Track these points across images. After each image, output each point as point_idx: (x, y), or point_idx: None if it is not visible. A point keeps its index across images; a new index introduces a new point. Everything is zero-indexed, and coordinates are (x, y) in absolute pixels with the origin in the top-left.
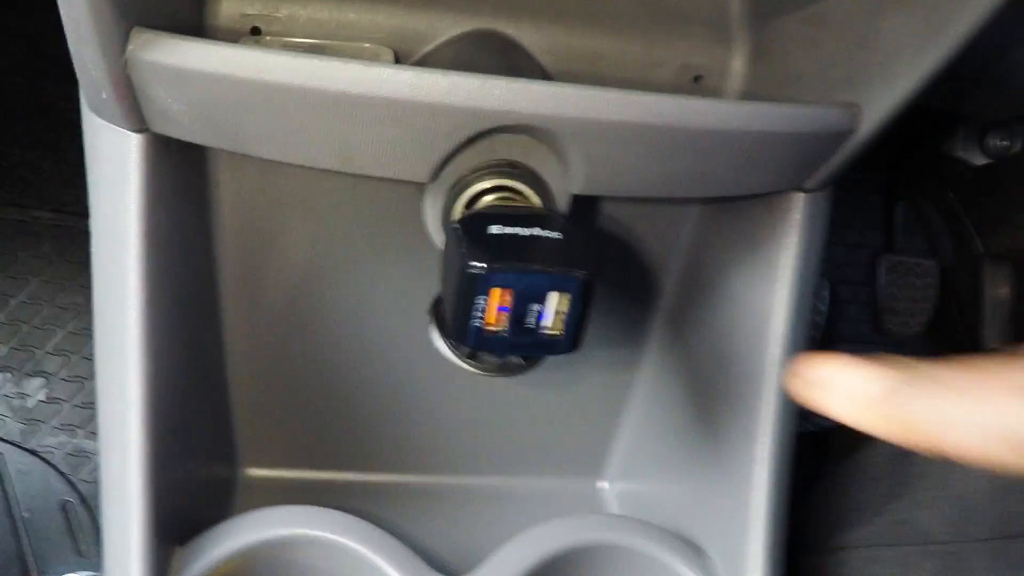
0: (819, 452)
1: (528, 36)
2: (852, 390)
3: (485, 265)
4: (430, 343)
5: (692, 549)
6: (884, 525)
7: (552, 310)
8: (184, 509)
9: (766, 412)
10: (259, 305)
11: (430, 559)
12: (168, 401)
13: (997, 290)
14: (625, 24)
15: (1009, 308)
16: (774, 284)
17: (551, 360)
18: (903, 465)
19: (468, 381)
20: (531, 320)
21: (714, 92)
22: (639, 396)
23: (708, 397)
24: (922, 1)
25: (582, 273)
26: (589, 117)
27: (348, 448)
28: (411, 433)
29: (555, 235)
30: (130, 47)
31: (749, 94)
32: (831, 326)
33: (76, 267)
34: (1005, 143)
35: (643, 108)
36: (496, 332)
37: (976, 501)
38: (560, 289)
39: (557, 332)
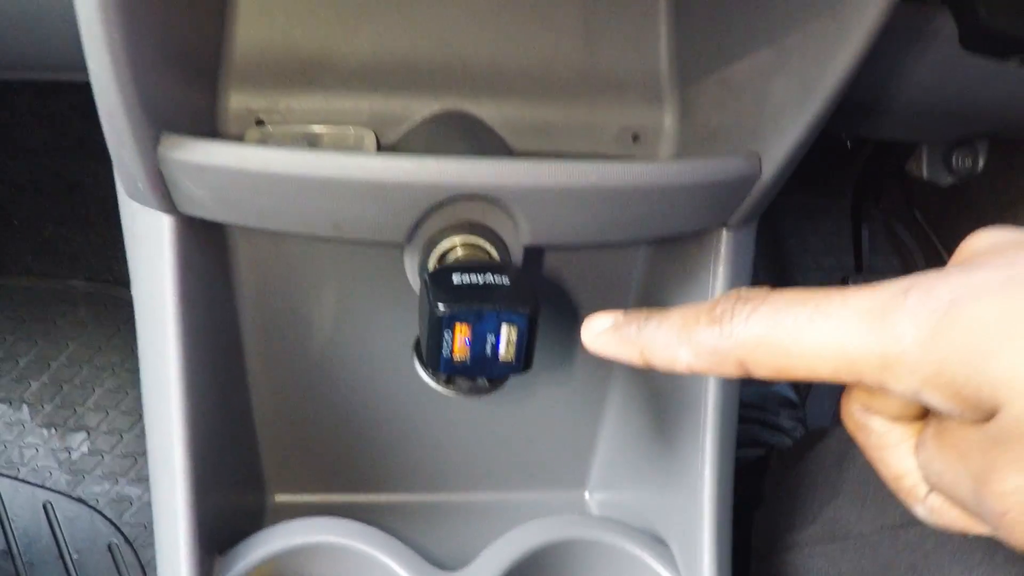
0: (762, 472)
1: (489, 112)
2: (600, 323)
3: (448, 307)
4: (416, 374)
5: (656, 542)
6: (819, 525)
7: (505, 340)
8: (223, 528)
9: (710, 423)
10: (278, 353)
11: (432, 561)
12: (205, 438)
13: None
14: (571, 95)
15: None
16: None
17: (533, 382)
18: (835, 472)
19: (459, 407)
20: (488, 349)
21: (651, 148)
22: (612, 413)
23: (664, 410)
24: (797, 67)
25: (525, 309)
26: (527, 185)
27: (360, 472)
28: (413, 456)
29: (505, 281)
30: (161, 148)
31: (680, 148)
32: None
33: (110, 330)
34: (968, 163)
35: (572, 174)
36: (462, 360)
37: (888, 494)
38: (509, 322)
39: (510, 358)
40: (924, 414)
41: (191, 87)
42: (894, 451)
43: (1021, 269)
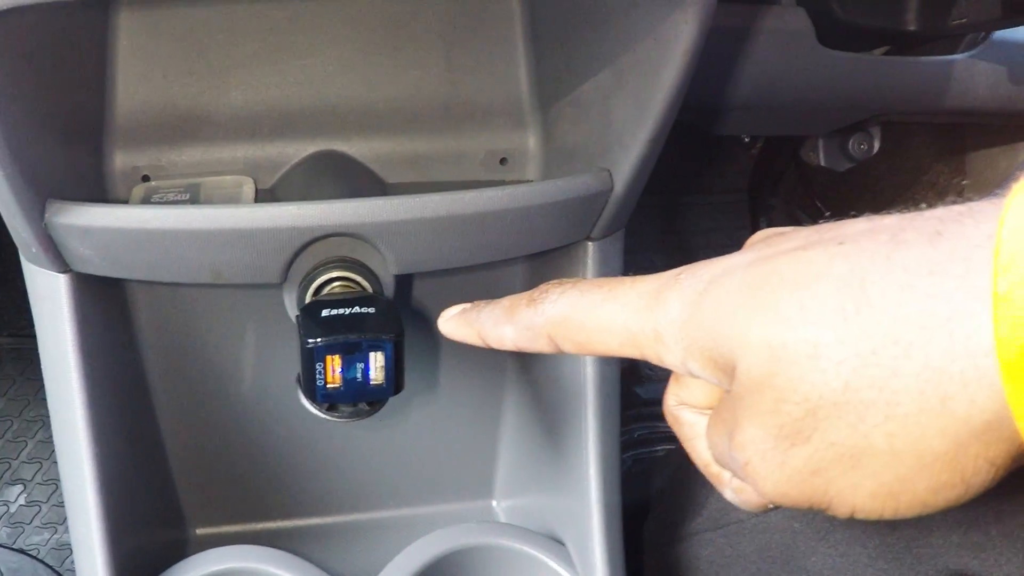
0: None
1: (360, 150)
2: (450, 311)
3: (316, 340)
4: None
5: (554, 543)
6: (706, 515)
7: (374, 366)
8: (145, 563)
9: (591, 429)
10: (183, 394)
11: None
12: (117, 479)
13: None
14: (437, 126)
15: None
16: None
17: (431, 399)
18: None
19: (360, 430)
20: (359, 375)
21: (518, 170)
22: (509, 424)
23: (552, 419)
24: (632, 87)
25: (390, 336)
26: (387, 220)
27: (274, 500)
28: (323, 480)
29: (371, 310)
30: (47, 214)
31: (545, 167)
32: None
33: (37, 384)
34: (864, 147)
35: (427, 207)
36: (336, 388)
37: None
38: (375, 349)
39: (380, 381)
40: None
41: (76, 151)
42: (701, 440)
43: (768, 251)
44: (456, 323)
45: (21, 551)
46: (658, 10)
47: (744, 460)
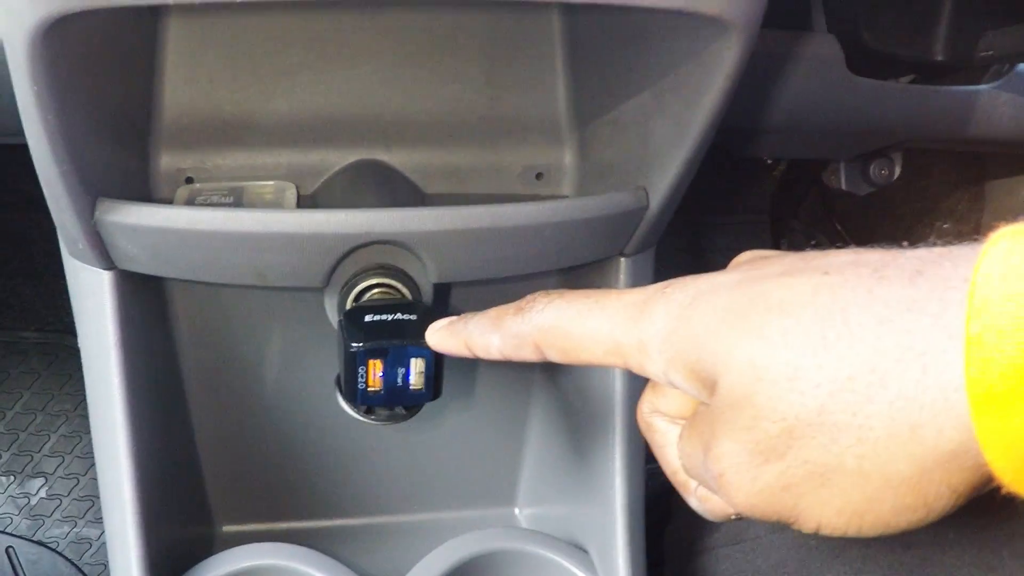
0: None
1: (401, 160)
2: (438, 323)
3: (360, 344)
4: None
5: (577, 550)
6: (723, 530)
7: (415, 371)
8: (174, 558)
9: (619, 439)
10: (219, 393)
11: None
12: (152, 475)
13: None
14: (476, 139)
15: None
16: None
17: (460, 407)
18: None
19: (390, 434)
20: (400, 380)
21: (554, 185)
22: (534, 433)
23: (579, 428)
24: (672, 109)
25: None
26: (429, 230)
27: (302, 500)
28: (351, 482)
29: (412, 317)
30: (97, 212)
31: (580, 182)
32: None
33: (62, 378)
34: (885, 173)
35: (469, 218)
36: (376, 391)
37: None
38: (417, 356)
39: (420, 387)
40: None
41: (124, 152)
42: (672, 448)
43: (754, 273)
44: (443, 335)
45: (41, 543)
46: (701, 36)
47: (719, 472)
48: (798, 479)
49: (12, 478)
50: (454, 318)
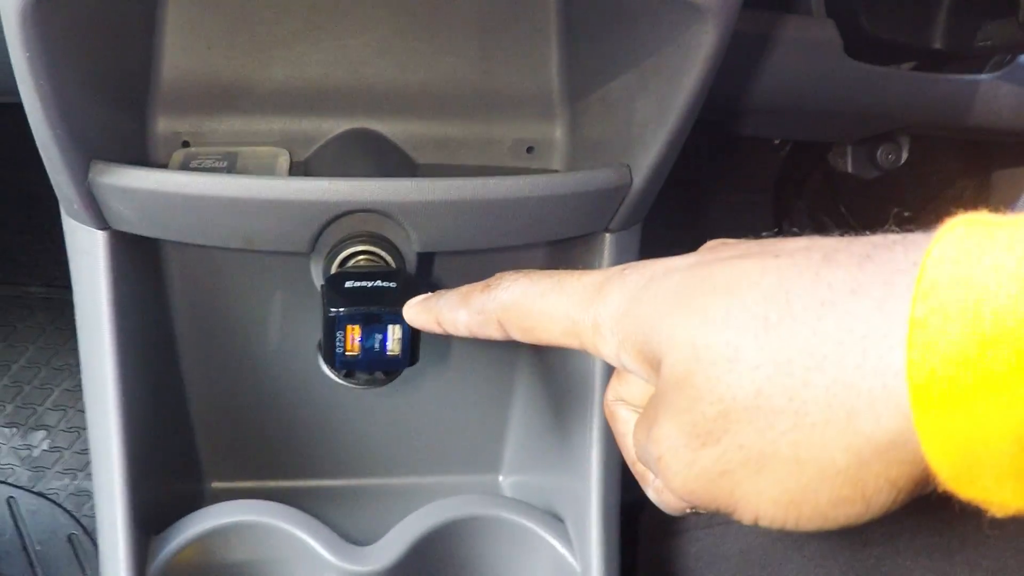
0: None
1: (393, 129)
2: (415, 299)
3: (339, 309)
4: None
5: (553, 520)
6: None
7: (392, 337)
8: (161, 511)
9: (597, 411)
10: (209, 353)
11: (349, 539)
12: (140, 430)
13: None
14: (468, 111)
15: None
16: None
17: (445, 373)
18: None
19: (376, 398)
20: (377, 346)
21: (544, 159)
22: (519, 402)
23: (560, 400)
24: (655, 89)
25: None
26: (413, 200)
27: (289, 460)
28: (338, 444)
29: (392, 284)
30: (91, 174)
31: (570, 157)
32: None
33: (67, 333)
34: (892, 157)
35: (452, 190)
36: (354, 356)
37: None
38: (394, 322)
39: (397, 353)
40: None
41: (120, 114)
42: (631, 437)
43: (709, 256)
44: (417, 310)
45: (41, 495)
46: (680, 19)
47: (657, 455)
48: (734, 464)
49: (15, 430)
50: (430, 294)
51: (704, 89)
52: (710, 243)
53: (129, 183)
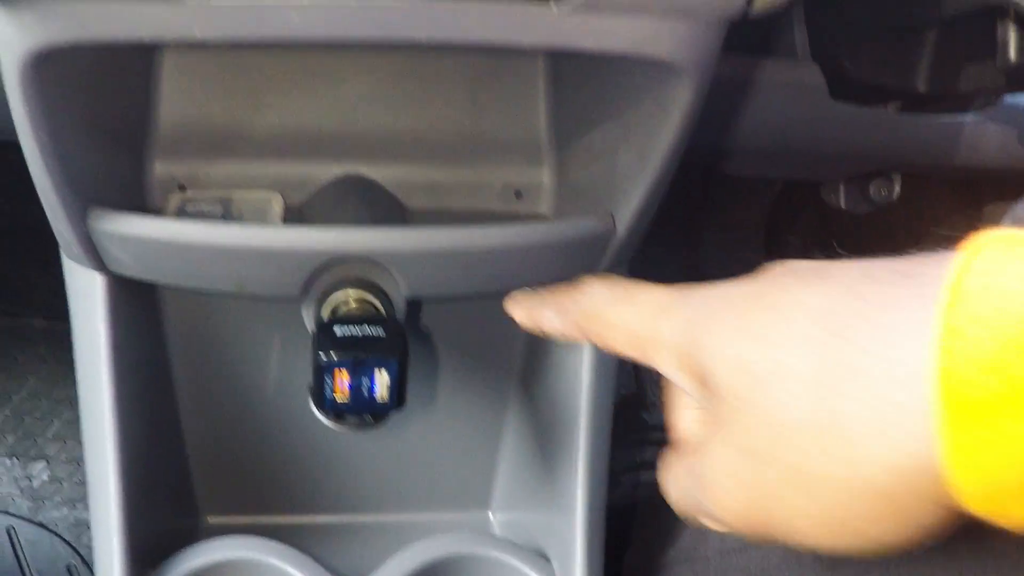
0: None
1: (384, 174)
2: (517, 293)
3: (327, 356)
4: None
5: (539, 558)
6: (677, 548)
7: (380, 383)
8: (157, 546)
9: (583, 450)
10: (205, 390)
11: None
12: (137, 465)
13: None
14: (458, 156)
15: None
16: (581, 347)
17: (436, 411)
18: None
19: (367, 436)
20: (365, 391)
21: (532, 204)
22: (509, 438)
23: (548, 437)
24: (635, 141)
25: (394, 356)
26: (402, 249)
27: (282, 495)
28: (331, 480)
29: (379, 332)
30: (89, 221)
31: (558, 202)
32: None
33: (67, 365)
34: (884, 192)
35: (440, 239)
36: (343, 401)
37: None
38: (380, 368)
39: (385, 398)
40: None
41: (117, 161)
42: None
43: (764, 283)
44: (516, 304)
45: (41, 525)
46: (656, 76)
47: (703, 474)
48: (777, 483)
49: (16, 460)
50: (531, 294)
51: (683, 140)
52: (773, 264)
53: (127, 230)
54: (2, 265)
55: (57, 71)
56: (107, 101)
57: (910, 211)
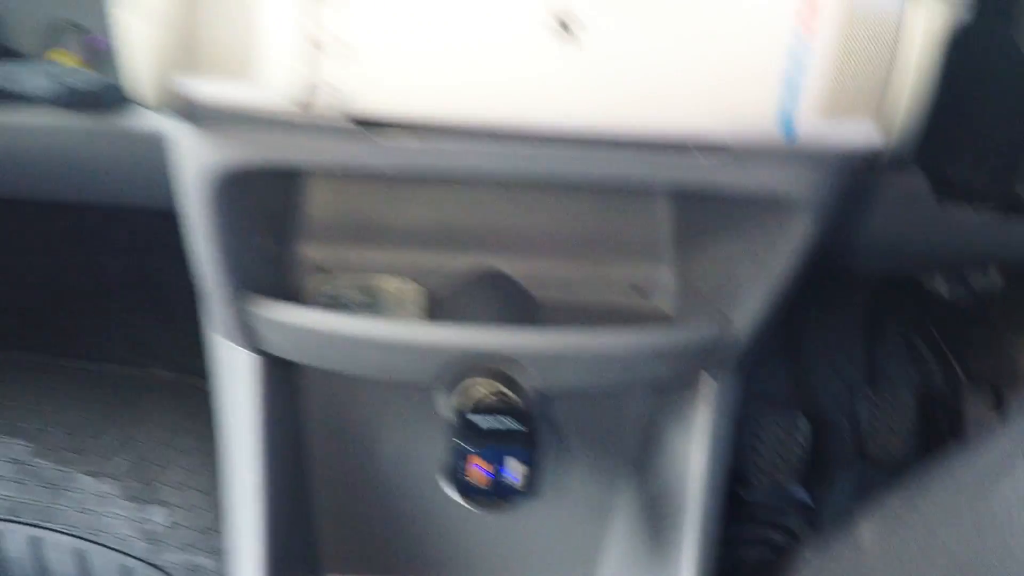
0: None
1: (515, 267)
2: None
3: (464, 443)
4: None
5: None
6: None
7: (516, 472)
8: None
9: (689, 539)
10: (337, 462)
11: None
12: (276, 524)
13: (979, 413)
14: (585, 254)
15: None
16: (690, 443)
17: (550, 490)
18: None
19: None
20: (503, 480)
21: (653, 300)
22: (616, 523)
23: (655, 524)
24: (756, 255)
25: (532, 448)
26: (533, 347)
27: (399, 556)
28: (446, 545)
29: (517, 425)
30: (248, 306)
31: (679, 301)
32: (818, 450)
33: (191, 418)
34: (986, 283)
35: (568, 340)
36: (480, 487)
37: None
38: (518, 459)
39: (520, 487)
40: None
41: (268, 247)
42: None
43: None
44: None
45: (158, 567)
46: (780, 209)
47: None
48: None
49: (137, 504)
50: None
51: (803, 260)
52: None
53: (285, 319)
54: (126, 317)
55: (240, 184)
56: (269, 199)
57: (1009, 301)
